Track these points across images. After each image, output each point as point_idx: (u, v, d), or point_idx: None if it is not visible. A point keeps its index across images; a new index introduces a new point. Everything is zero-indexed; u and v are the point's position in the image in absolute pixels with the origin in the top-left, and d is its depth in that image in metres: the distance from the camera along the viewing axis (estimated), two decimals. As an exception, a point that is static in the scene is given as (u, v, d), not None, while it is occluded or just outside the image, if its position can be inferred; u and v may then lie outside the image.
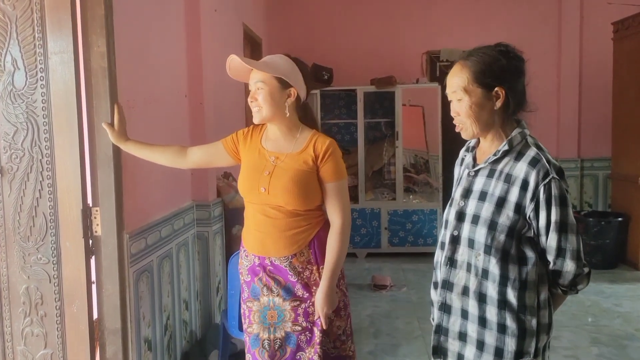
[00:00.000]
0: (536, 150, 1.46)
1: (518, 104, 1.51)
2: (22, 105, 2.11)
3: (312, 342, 1.88)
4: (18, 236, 2.17)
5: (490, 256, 1.45)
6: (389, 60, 5.99)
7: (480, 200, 1.50)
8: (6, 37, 2.09)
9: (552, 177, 1.40)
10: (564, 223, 1.41)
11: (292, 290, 1.89)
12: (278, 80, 1.89)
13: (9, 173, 2.15)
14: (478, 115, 1.49)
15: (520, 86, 1.51)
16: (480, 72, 1.47)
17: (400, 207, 5.73)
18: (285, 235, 1.89)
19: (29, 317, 2.19)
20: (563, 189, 1.41)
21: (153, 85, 2.58)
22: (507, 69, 1.48)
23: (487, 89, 1.48)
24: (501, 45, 1.51)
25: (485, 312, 1.48)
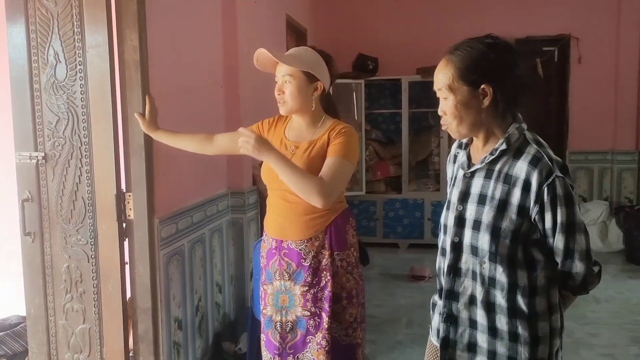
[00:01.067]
0: (536, 147, 1.36)
1: (509, 101, 1.39)
2: (63, 96, 2.26)
3: (321, 327, 1.93)
4: (60, 218, 2.33)
5: (497, 264, 1.37)
6: (436, 49, 5.82)
7: (480, 204, 1.40)
8: (49, 32, 2.24)
9: (555, 175, 1.31)
10: (571, 223, 1.33)
11: (303, 275, 1.95)
12: (305, 74, 1.94)
13: (52, 159, 2.31)
14: (464, 115, 1.39)
15: (511, 81, 1.39)
16: (465, 68, 1.36)
17: (444, 198, 5.63)
18: (302, 219, 1.95)
19: (69, 293, 2.36)
20: (568, 187, 1.32)
21: (187, 76, 2.68)
22: (496, 63, 1.36)
23: (473, 87, 1.37)
24: (490, 37, 1.39)
25: (495, 322, 1.40)
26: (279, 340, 1.99)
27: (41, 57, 2.26)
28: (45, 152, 2.31)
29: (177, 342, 2.52)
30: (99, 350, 2.35)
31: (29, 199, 2.34)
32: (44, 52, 2.25)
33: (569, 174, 1.35)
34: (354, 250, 2.01)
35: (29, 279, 2.40)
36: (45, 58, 2.26)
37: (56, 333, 2.40)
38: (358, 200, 5.75)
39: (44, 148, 2.31)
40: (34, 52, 2.26)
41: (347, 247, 1.99)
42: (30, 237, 2.36)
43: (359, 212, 5.78)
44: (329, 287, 1.93)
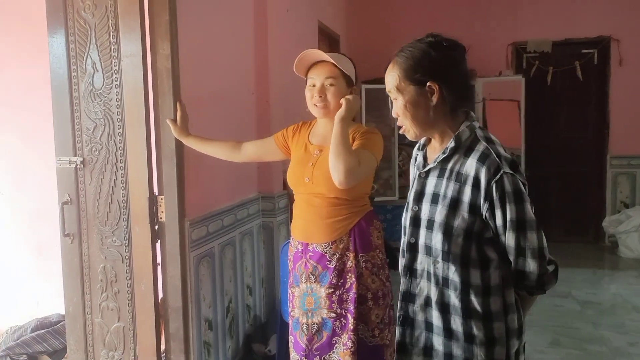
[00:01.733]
0: (485, 144, 1.34)
1: (459, 97, 1.39)
2: (100, 104, 2.36)
3: (346, 329, 1.95)
4: (97, 220, 2.43)
5: (450, 263, 1.35)
6: (470, 53, 5.75)
7: (433, 203, 1.39)
8: (87, 43, 2.35)
9: (503, 172, 1.28)
10: (522, 220, 1.30)
11: (328, 277, 1.97)
12: (345, 78, 1.99)
13: (89, 164, 2.41)
14: (415, 114, 1.39)
15: (457, 78, 1.38)
16: (409, 68, 1.37)
17: (479, 203, 5.57)
18: (326, 222, 1.98)
19: (105, 292, 2.46)
20: (518, 184, 1.29)
21: (218, 83, 2.75)
22: (438, 61, 1.35)
23: (419, 85, 1.36)
24: (431, 35, 1.40)
25: (450, 323, 1.38)
26: (306, 342, 2.02)
27: (80, 66, 2.37)
28: (83, 157, 2.42)
29: (207, 342, 2.58)
30: (133, 348, 2.44)
31: (68, 201, 2.45)
32: (83, 62, 2.36)
33: (520, 171, 1.32)
34: (379, 252, 2.03)
35: (68, 279, 2.51)
36: (84, 67, 2.37)
37: (93, 331, 2.50)
38: (391, 206, 5.73)
39: (82, 153, 2.42)
40: (73, 62, 2.38)
41: (372, 249, 2.00)
42: (70, 238, 2.47)
43: (392, 217, 5.76)
44: (354, 289, 1.95)
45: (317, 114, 2.04)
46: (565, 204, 5.91)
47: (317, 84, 2.00)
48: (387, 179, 5.75)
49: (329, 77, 1.97)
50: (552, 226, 5.98)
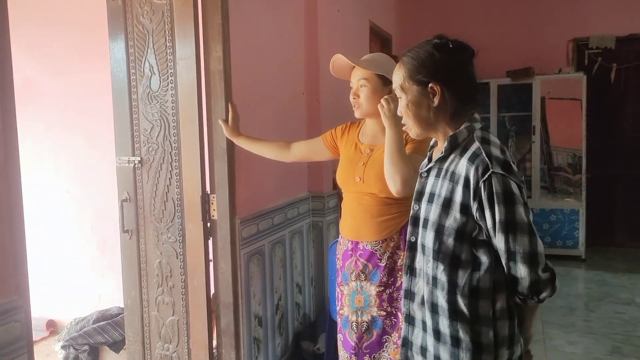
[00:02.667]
0: (479, 144, 1.32)
1: (462, 99, 1.39)
2: (157, 105, 2.46)
3: (397, 327, 1.95)
4: (153, 217, 2.53)
5: (438, 262, 1.35)
6: (527, 51, 5.67)
7: (429, 203, 1.40)
8: (145, 47, 2.45)
9: (492, 172, 1.25)
10: (511, 222, 1.25)
11: (379, 275, 1.98)
12: (380, 78, 1.99)
13: (147, 163, 2.52)
14: (416, 113, 1.41)
15: (460, 80, 1.39)
16: (413, 69, 1.40)
17: (536, 205, 5.41)
18: (377, 221, 1.99)
19: (161, 287, 2.55)
20: (508, 184, 1.25)
21: (269, 84, 2.80)
22: (442, 63, 1.37)
23: (422, 86, 1.39)
24: (438, 37, 1.41)
25: (439, 324, 1.37)
26: (356, 340, 2.03)
27: (138, 69, 2.48)
28: (141, 157, 2.52)
29: (257, 338, 2.63)
30: (186, 342, 2.52)
31: (127, 199, 2.56)
32: (141, 65, 2.47)
33: (513, 172, 1.28)
34: None
35: (126, 273, 2.62)
36: (142, 70, 2.47)
37: (149, 323, 2.60)
38: (444, 207, 5.64)
39: (140, 153, 2.52)
40: (132, 66, 2.49)
41: None
42: (128, 235, 2.58)
43: (445, 218, 5.67)
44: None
45: (358, 115, 2.08)
46: (630, 207, 5.63)
47: (353, 86, 2.05)
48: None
49: (361, 78, 2.01)
50: (616, 230, 5.73)
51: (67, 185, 3.68)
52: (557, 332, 3.53)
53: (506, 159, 1.29)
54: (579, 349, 3.29)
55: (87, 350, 2.90)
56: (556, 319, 3.76)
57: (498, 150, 1.31)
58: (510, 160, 1.31)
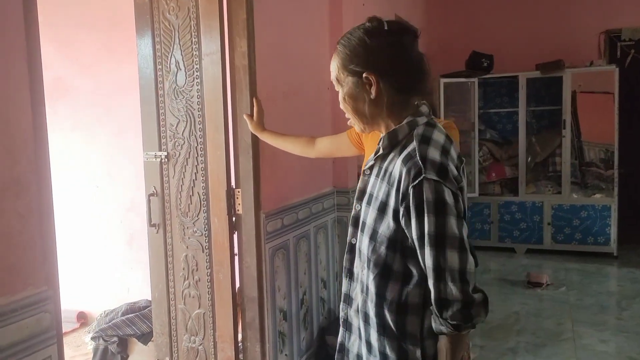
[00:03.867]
0: (416, 143, 1.18)
1: (400, 89, 1.24)
2: (183, 101, 2.48)
3: None
4: (179, 212, 2.56)
5: (369, 271, 1.23)
6: (557, 43, 5.55)
7: (368, 205, 1.27)
8: (171, 43, 2.48)
9: (424, 177, 1.11)
10: (441, 235, 1.11)
11: None
12: None
13: (173, 158, 2.55)
14: (354, 107, 1.28)
15: (401, 67, 1.23)
16: (346, 58, 1.24)
17: (566, 201, 5.31)
18: None
19: (187, 280, 2.58)
20: (441, 193, 1.11)
21: (294, 79, 2.80)
22: (375, 49, 1.22)
23: (356, 77, 1.24)
24: (370, 20, 1.25)
25: (370, 336, 1.27)
26: None
27: (165, 65, 2.50)
28: (167, 152, 2.55)
29: (282, 332, 2.64)
30: (212, 334, 2.54)
31: (154, 193, 2.60)
32: (167, 61, 2.49)
33: (450, 179, 1.14)
34: None
35: (154, 266, 2.66)
36: (168, 66, 2.50)
37: (176, 316, 2.64)
38: (471, 203, 5.58)
39: (167, 148, 2.55)
40: (159, 62, 2.51)
41: None
42: (155, 229, 2.62)
43: (472, 214, 5.61)
44: None
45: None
46: (665, 203, 5.48)
47: None
48: (467, 176, 5.59)
49: None
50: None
51: (97, 180, 3.75)
52: (588, 330, 3.45)
53: (443, 163, 1.14)
54: (610, 347, 3.21)
55: (116, 341, 2.96)
56: (587, 318, 3.68)
57: (437, 151, 1.17)
58: (451, 163, 1.16)
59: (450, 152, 1.19)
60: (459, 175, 1.18)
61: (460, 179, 1.18)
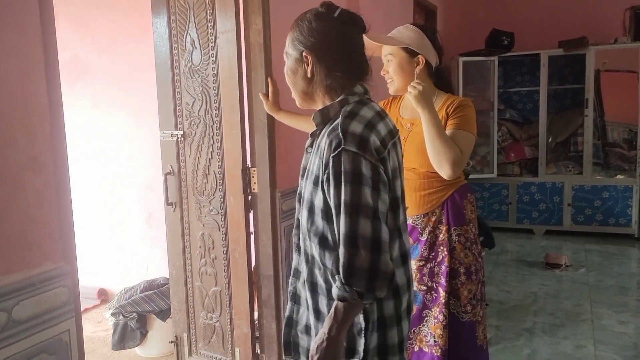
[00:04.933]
0: (341, 118, 1.24)
1: (336, 71, 1.31)
2: (198, 79, 2.48)
3: (438, 302, 1.93)
4: (196, 190, 2.58)
5: (311, 242, 1.30)
6: (581, 20, 5.41)
7: (305, 179, 1.35)
8: (187, 21, 2.47)
9: (343, 148, 1.17)
10: (355, 205, 1.15)
11: (419, 249, 1.96)
12: (405, 51, 1.95)
13: (189, 137, 2.56)
14: (293, 81, 1.38)
15: (339, 52, 1.31)
16: (295, 35, 1.35)
17: (587, 182, 5.22)
18: (418, 195, 1.96)
19: (203, 258, 2.61)
20: (358, 164, 1.16)
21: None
22: (318, 32, 1.31)
23: (298, 54, 1.34)
24: (322, 4, 1.35)
25: (319, 303, 1.32)
26: None
27: (180, 44, 2.50)
28: (183, 131, 2.56)
29: (297, 310, 2.66)
30: (229, 312, 2.57)
31: (171, 172, 2.62)
32: (183, 40, 2.49)
33: (370, 151, 1.19)
34: (472, 227, 1.98)
35: (171, 245, 2.70)
36: (184, 45, 2.49)
37: (193, 293, 2.67)
38: (489, 183, 5.53)
39: (183, 127, 2.56)
40: (174, 40, 2.51)
41: (466, 223, 1.96)
42: (172, 207, 2.64)
43: (489, 195, 5.56)
44: (446, 262, 1.93)
45: (391, 92, 2.05)
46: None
47: (384, 62, 2.02)
48: (485, 156, 5.54)
49: (387, 54, 1.98)
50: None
51: (116, 158, 3.79)
52: (607, 311, 3.42)
53: (363, 136, 1.20)
54: (630, 329, 3.18)
55: (135, 317, 3.01)
56: (606, 299, 3.64)
57: (361, 125, 1.22)
58: (374, 136, 1.21)
59: (377, 126, 1.25)
60: (382, 148, 1.23)
61: (381, 151, 1.22)
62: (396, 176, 1.29)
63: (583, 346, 2.96)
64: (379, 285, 1.15)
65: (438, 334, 1.92)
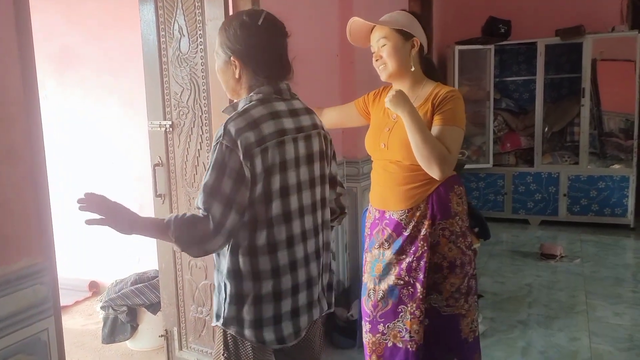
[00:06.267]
0: (234, 114, 1.40)
1: (259, 74, 1.45)
2: (187, 68, 2.42)
3: (415, 297, 1.88)
4: (185, 182, 2.52)
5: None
6: (578, 7, 5.34)
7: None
8: (174, 8, 2.40)
9: (218, 142, 1.35)
10: (214, 188, 1.32)
11: (400, 243, 1.91)
12: (399, 32, 1.89)
13: (178, 127, 2.50)
14: (224, 80, 1.52)
15: (262, 58, 1.45)
16: (222, 39, 1.48)
17: (583, 172, 5.19)
18: (402, 189, 1.91)
19: (193, 251, 2.56)
20: (226, 157, 1.32)
21: (300, 45, 2.67)
22: (243, 40, 1.44)
23: (227, 56, 1.47)
24: (247, 13, 1.48)
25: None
26: (371, 308, 1.99)
27: (168, 32, 2.43)
28: (172, 121, 2.50)
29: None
30: (219, 305, 2.53)
31: (159, 163, 2.56)
32: (170, 27, 2.42)
33: (238, 147, 1.33)
34: (459, 219, 1.92)
35: (160, 237, 2.64)
36: (172, 32, 2.42)
37: (183, 287, 2.63)
38: (484, 174, 5.49)
39: (171, 117, 2.50)
40: (162, 28, 2.44)
41: (451, 216, 1.90)
42: (161, 199, 2.59)
43: (485, 185, 5.52)
44: (425, 258, 1.87)
45: (384, 78, 1.98)
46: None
47: (374, 48, 1.96)
48: (480, 146, 5.49)
49: (380, 38, 1.92)
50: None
51: (107, 149, 3.73)
52: (602, 303, 3.40)
53: (237, 134, 1.33)
54: (625, 320, 3.16)
55: (125, 311, 2.97)
56: (601, 290, 3.62)
57: (244, 122, 1.36)
58: (251, 133, 1.34)
59: (260, 126, 1.37)
60: (255, 145, 1.34)
61: (251, 148, 1.33)
62: (287, 168, 1.41)
63: (578, 338, 2.94)
64: (187, 235, 1.33)
65: (414, 330, 1.88)
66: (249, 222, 1.38)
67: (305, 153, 1.46)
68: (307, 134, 1.48)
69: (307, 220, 1.48)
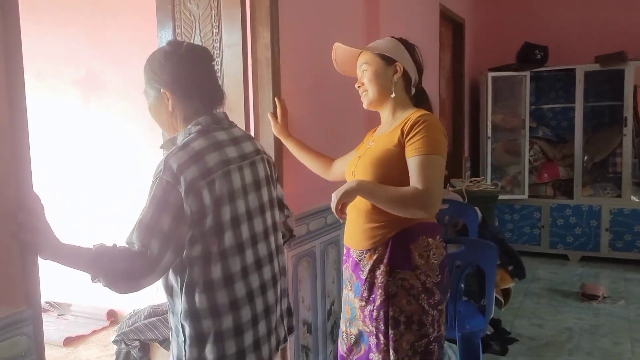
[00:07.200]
0: (174, 149, 1.36)
1: (191, 104, 1.43)
2: (203, 96, 2.32)
3: (379, 349, 1.72)
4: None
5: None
6: (619, 33, 5.10)
7: None
8: (192, 33, 2.32)
9: (159, 177, 1.31)
10: (147, 224, 1.28)
11: (360, 288, 1.76)
12: (382, 58, 1.79)
13: (193, 157, 2.39)
14: (157, 118, 1.49)
15: (192, 87, 1.43)
16: (148, 75, 1.46)
17: (627, 205, 4.88)
18: (364, 227, 1.75)
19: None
20: (167, 192, 1.29)
21: (322, 72, 2.57)
22: (170, 71, 1.42)
23: (156, 91, 1.45)
24: (169, 43, 1.46)
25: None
26: (346, 351, 1.85)
27: (185, 58, 2.34)
28: (188, 150, 2.39)
29: (305, 346, 2.45)
30: (232, 346, 2.38)
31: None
32: (187, 54, 2.33)
33: (179, 182, 1.29)
34: (421, 274, 1.69)
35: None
36: (189, 59, 2.34)
37: (195, 324, 2.49)
38: (519, 205, 5.24)
39: (187, 146, 2.40)
40: (179, 54, 2.36)
41: (411, 269, 1.69)
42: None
43: (520, 217, 5.26)
44: (384, 308, 1.69)
45: (365, 105, 1.86)
46: None
47: (358, 75, 1.85)
48: (515, 176, 5.25)
49: (362, 63, 1.82)
50: None
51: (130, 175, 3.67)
52: (650, 352, 3.11)
53: (180, 169, 1.29)
54: (676, 373, 2.87)
55: (137, 346, 2.85)
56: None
57: (186, 156, 1.32)
58: (193, 167, 1.30)
59: (205, 157, 1.34)
60: (200, 179, 1.31)
61: (195, 182, 1.30)
62: (236, 197, 1.38)
63: (624, 393, 2.67)
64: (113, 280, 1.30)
65: None
66: (202, 257, 1.34)
67: (252, 180, 1.44)
68: (251, 160, 1.46)
69: (261, 247, 1.46)
